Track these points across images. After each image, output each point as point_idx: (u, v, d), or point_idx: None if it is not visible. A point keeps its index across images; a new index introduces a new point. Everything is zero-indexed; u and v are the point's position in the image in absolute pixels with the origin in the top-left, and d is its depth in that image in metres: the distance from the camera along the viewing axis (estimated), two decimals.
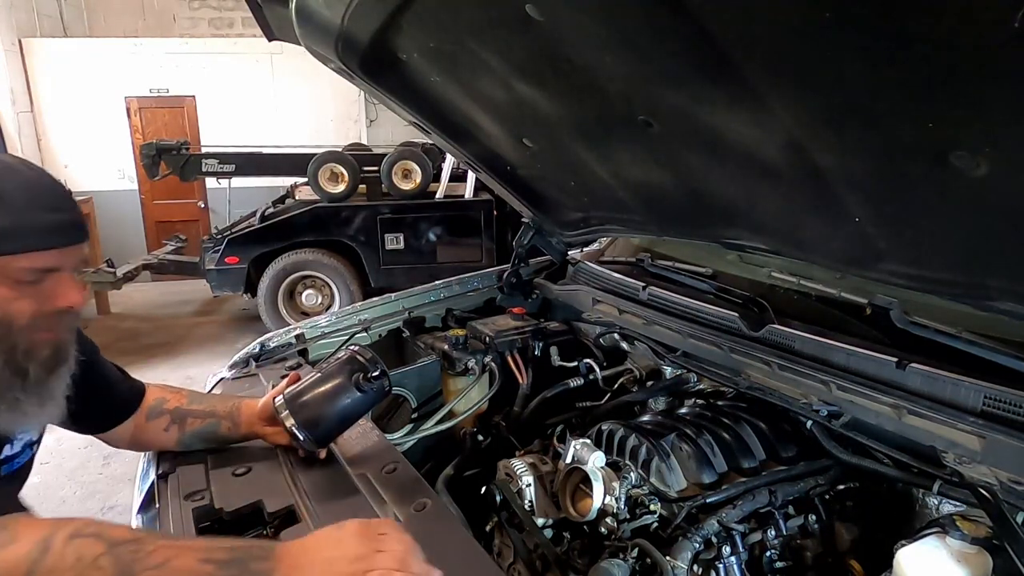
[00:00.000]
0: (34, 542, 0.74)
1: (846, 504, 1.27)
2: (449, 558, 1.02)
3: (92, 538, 0.76)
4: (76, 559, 0.74)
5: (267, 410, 1.27)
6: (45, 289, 0.91)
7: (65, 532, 0.76)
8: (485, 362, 1.84)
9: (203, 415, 1.29)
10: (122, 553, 0.75)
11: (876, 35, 0.74)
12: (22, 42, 7.52)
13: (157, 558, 0.76)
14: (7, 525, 0.76)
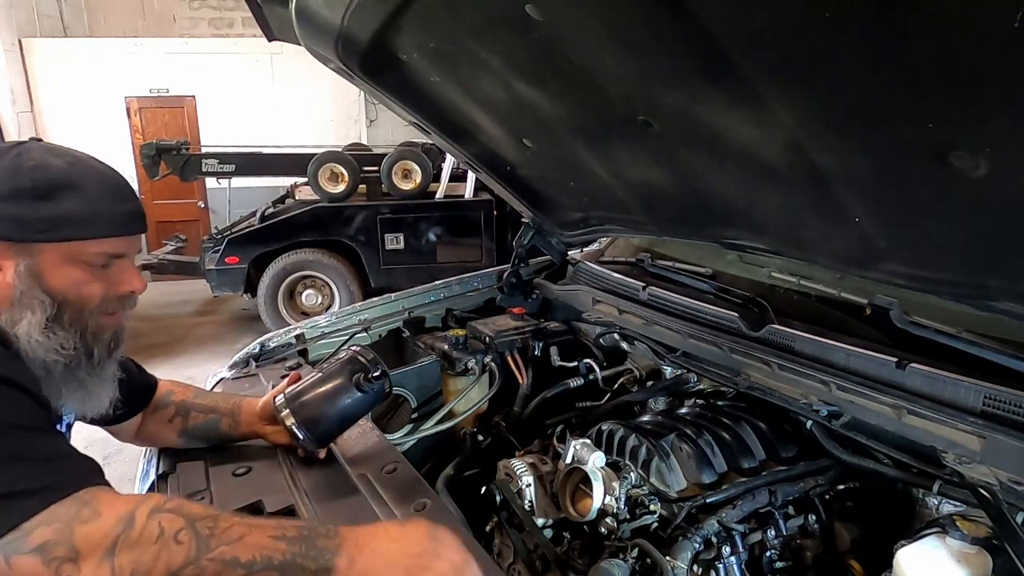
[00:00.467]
0: (117, 517, 0.77)
1: (846, 504, 1.27)
2: None
3: (172, 513, 0.80)
4: (159, 533, 0.78)
5: (267, 409, 1.28)
6: (112, 274, 0.97)
7: (147, 507, 0.79)
8: (485, 362, 1.84)
9: (205, 410, 1.31)
10: (200, 528, 0.79)
11: (876, 35, 0.74)
12: (22, 42, 7.53)
13: (233, 534, 0.80)
14: (89, 501, 0.78)
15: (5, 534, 0.73)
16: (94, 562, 0.75)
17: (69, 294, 0.94)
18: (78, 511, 0.77)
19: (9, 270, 0.91)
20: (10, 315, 0.91)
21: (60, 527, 0.75)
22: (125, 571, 0.75)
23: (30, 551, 0.73)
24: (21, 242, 0.90)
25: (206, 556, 0.78)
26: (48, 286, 0.92)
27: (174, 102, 8.05)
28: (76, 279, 0.94)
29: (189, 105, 8.08)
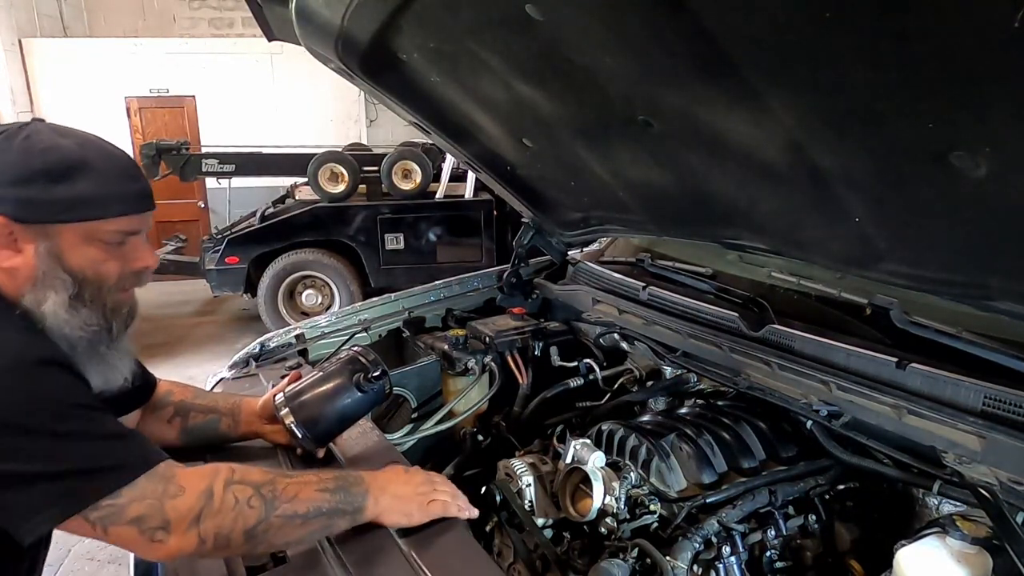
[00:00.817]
0: (199, 492, 0.90)
1: (846, 504, 1.27)
2: (449, 558, 1.02)
3: (240, 483, 0.93)
4: (234, 502, 0.92)
5: (267, 408, 1.29)
6: (127, 251, 1.00)
7: (221, 481, 0.92)
8: (485, 362, 1.84)
9: (205, 410, 1.32)
10: (265, 492, 0.94)
11: (876, 35, 0.74)
12: (22, 42, 7.52)
13: (290, 492, 0.96)
14: (171, 477, 0.90)
15: (97, 504, 0.84)
16: (183, 530, 0.88)
17: (88, 273, 0.96)
18: (165, 488, 0.88)
19: (30, 252, 0.93)
20: (34, 296, 0.94)
21: (152, 503, 0.87)
22: (209, 535, 0.89)
23: (127, 523, 0.85)
24: (39, 224, 0.92)
25: (273, 514, 0.94)
26: (68, 266, 0.95)
27: (174, 102, 8.04)
28: (94, 258, 0.96)
29: (189, 105, 8.07)
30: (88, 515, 0.84)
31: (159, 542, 0.87)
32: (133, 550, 0.90)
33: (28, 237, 0.92)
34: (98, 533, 0.86)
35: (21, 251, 0.93)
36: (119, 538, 0.87)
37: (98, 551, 3.01)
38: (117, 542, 0.87)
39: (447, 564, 1.01)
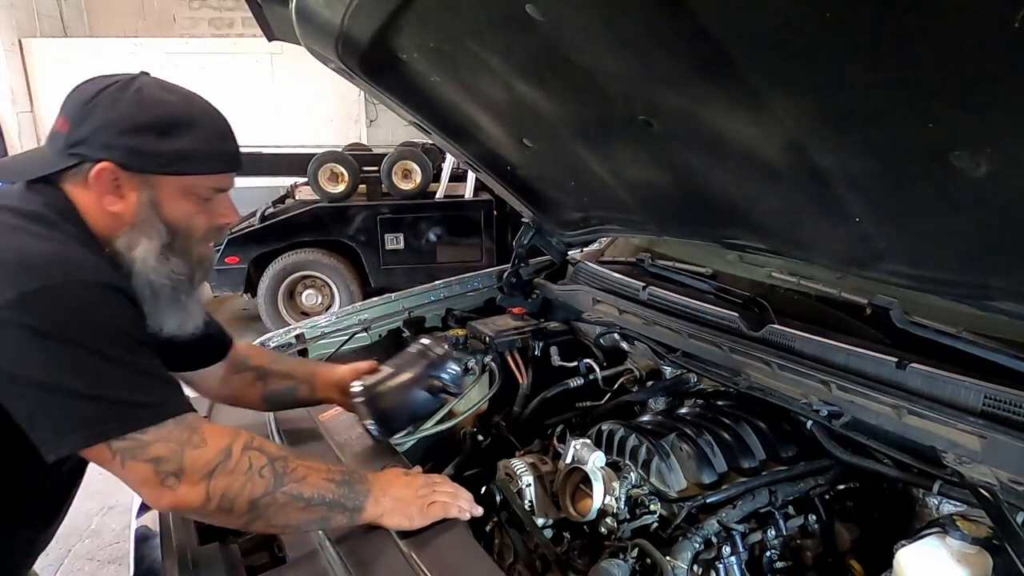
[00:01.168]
0: (219, 448, 0.92)
1: (846, 504, 1.27)
2: (449, 558, 1.02)
3: (257, 451, 0.95)
4: (248, 467, 0.93)
5: (343, 383, 1.36)
6: (214, 206, 1.05)
7: (240, 443, 0.94)
8: (485, 362, 1.84)
9: (284, 376, 1.39)
10: (277, 466, 0.95)
11: (876, 35, 0.74)
12: (22, 42, 7.52)
13: (299, 474, 0.97)
14: (197, 428, 0.92)
15: (125, 435, 0.86)
16: (195, 481, 0.89)
17: (181, 224, 1.02)
18: (189, 436, 0.90)
19: (132, 199, 0.98)
20: (128, 239, 0.99)
21: (174, 447, 0.88)
22: (217, 493, 0.90)
23: (146, 460, 0.87)
24: (143, 174, 0.97)
25: (280, 490, 0.94)
26: (164, 216, 1.00)
27: None
28: (187, 210, 1.02)
29: None
30: (112, 444, 0.86)
31: (169, 487, 0.88)
32: (140, 490, 0.90)
33: (132, 185, 0.97)
34: (115, 465, 0.87)
35: (123, 197, 0.98)
36: (133, 474, 0.87)
37: (98, 551, 3.01)
38: (129, 478, 0.88)
39: (447, 564, 1.01)
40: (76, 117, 0.96)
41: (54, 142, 0.98)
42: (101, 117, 0.95)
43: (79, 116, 0.96)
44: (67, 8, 8.32)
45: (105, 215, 0.98)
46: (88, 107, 0.95)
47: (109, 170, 0.95)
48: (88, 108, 0.95)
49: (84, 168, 0.96)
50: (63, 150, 0.96)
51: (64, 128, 0.97)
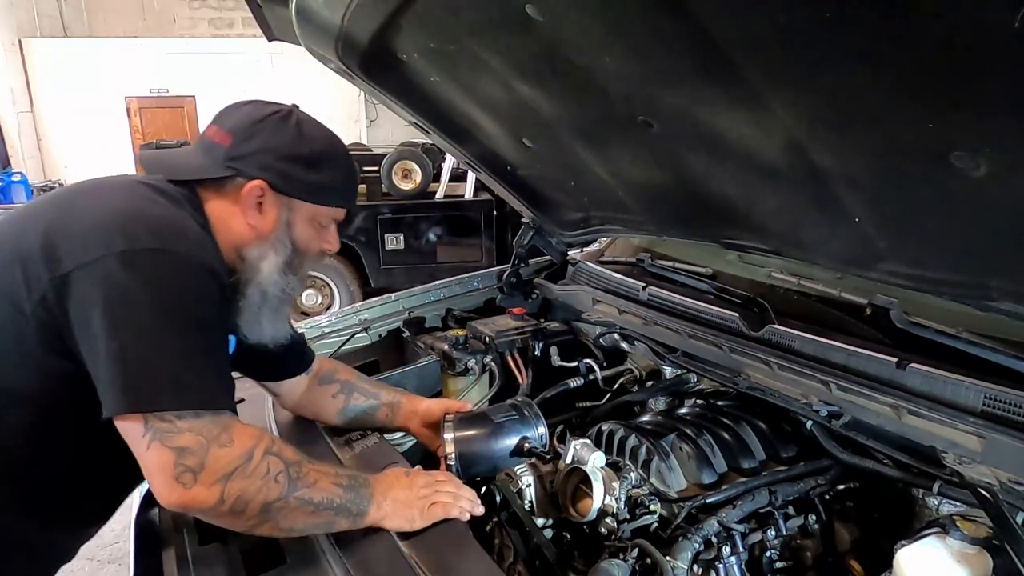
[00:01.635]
0: (243, 450, 0.93)
1: (846, 504, 1.27)
2: (449, 558, 1.02)
3: (276, 456, 0.96)
4: (265, 472, 0.94)
5: (428, 417, 1.41)
6: (325, 234, 1.17)
7: (262, 447, 0.95)
8: (485, 362, 1.84)
9: (368, 395, 1.44)
10: (292, 472, 0.97)
11: (876, 35, 0.74)
12: (22, 42, 7.53)
13: (311, 479, 0.99)
14: (228, 427, 0.93)
15: (164, 414, 0.87)
16: (211, 482, 0.89)
17: (301, 245, 1.13)
18: (219, 434, 0.91)
19: (271, 215, 1.08)
20: (260, 250, 1.09)
21: (202, 441, 0.89)
22: (232, 496, 0.91)
23: (172, 447, 0.87)
24: (286, 196, 1.08)
25: (293, 495, 0.96)
26: (293, 236, 1.11)
27: (174, 102, 8.06)
28: (310, 235, 1.14)
29: (189, 105, 8.08)
30: (150, 418, 0.87)
31: (183, 484, 0.88)
32: (154, 480, 0.89)
33: (274, 204, 1.08)
34: (142, 442, 0.87)
35: (263, 214, 1.08)
36: (155, 458, 0.87)
37: (98, 551, 3.00)
38: (150, 462, 0.88)
39: (447, 564, 1.01)
40: (240, 136, 1.06)
41: (211, 151, 1.07)
42: (264, 141, 1.05)
43: (244, 136, 1.06)
44: (67, 8, 8.32)
45: (240, 227, 1.07)
46: (253, 129, 1.06)
47: (260, 188, 1.06)
48: (253, 130, 1.06)
49: (236, 181, 1.06)
50: (221, 161, 1.06)
51: (226, 142, 1.06)
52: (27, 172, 6.62)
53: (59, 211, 0.97)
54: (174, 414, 0.88)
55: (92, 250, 0.88)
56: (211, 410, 0.91)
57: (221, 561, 1.05)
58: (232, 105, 1.11)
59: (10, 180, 5.79)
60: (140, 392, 0.87)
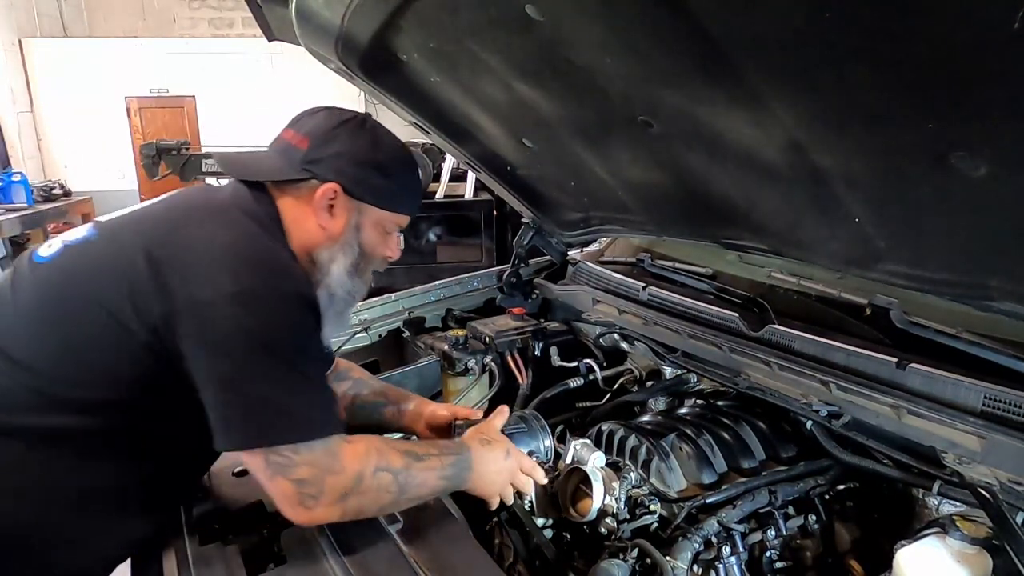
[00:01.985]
0: (354, 474, 0.97)
1: (846, 504, 1.27)
2: (449, 558, 1.02)
3: (385, 471, 1.01)
4: (377, 487, 1.00)
5: (435, 418, 1.40)
6: (389, 240, 1.21)
7: (371, 467, 0.99)
8: (485, 362, 1.84)
9: (376, 393, 1.45)
10: (401, 480, 1.02)
11: (876, 35, 0.74)
12: (22, 42, 7.52)
13: (419, 480, 1.04)
14: (337, 454, 0.97)
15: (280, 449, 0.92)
16: (330, 503, 0.96)
17: (367, 250, 1.17)
18: (331, 463, 0.96)
19: (342, 219, 1.12)
20: (330, 253, 1.13)
21: (317, 472, 0.94)
22: (350, 511, 0.99)
23: (291, 479, 0.93)
24: (357, 200, 1.12)
25: (403, 498, 1.03)
26: (361, 240, 1.15)
27: (174, 102, 8.05)
28: (376, 240, 1.18)
29: (189, 105, 8.08)
30: (268, 454, 0.92)
31: (307, 508, 0.95)
32: (280, 503, 0.96)
33: (345, 207, 1.12)
34: (264, 475, 0.94)
35: (334, 216, 1.11)
36: (278, 489, 0.94)
37: None
38: (273, 490, 0.95)
39: (447, 564, 1.01)
40: (317, 140, 1.10)
41: (288, 154, 1.11)
42: (340, 146, 1.10)
43: (321, 140, 1.10)
44: (67, 8, 8.31)
45: (312, 227, 1.11)
46: (331, 134, 1.10)
47: (334, 190, 1.09)
48: (330, 135, 1.10)
49: (311, 184, 1.09)
50: (298, 164, 1.09)
51: (303, 145, 1.10)
52: (27, 172, 6.62)
53: (162, 235, 1.00)
54: (289, 448, 0.93)
55: (205, 289, 0.92)
56: (321, 437, 0.96)
57: (221, 561, 1.04)
58: (307, 111, 1.15)
59: (10, 180, 5.79)
60: (257, 430, 0.93)
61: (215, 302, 0.92)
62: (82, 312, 0.97)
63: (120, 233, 1.04)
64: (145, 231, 1.02)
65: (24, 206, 5.69)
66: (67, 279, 1.01)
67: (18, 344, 0.98)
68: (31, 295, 1.01)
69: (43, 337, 0.98)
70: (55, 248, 1.05)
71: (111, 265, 0.98)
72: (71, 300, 0.98)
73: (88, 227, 1.08)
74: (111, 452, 1.01)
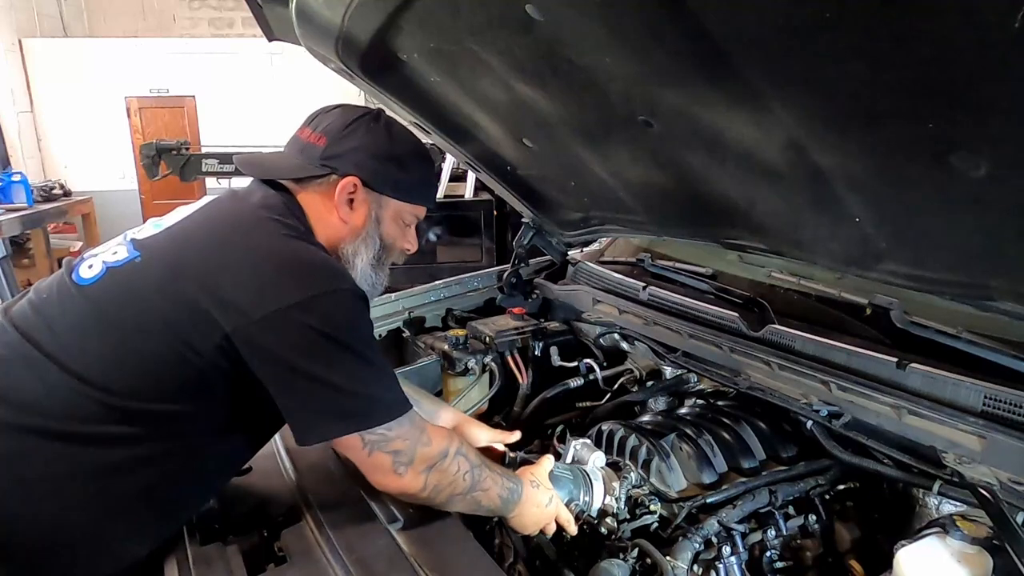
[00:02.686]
0: (440, 449, 1.05)
1: (846, 504, 1.27)
2: (449, 558, 1.02)
3: (464, 457, 1.08)
4: (456, 470, 1.06)
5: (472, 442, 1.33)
6: (407, 233, 1.25)
7: (455, 447, 1.07)
8: (485, 362, 1.84)
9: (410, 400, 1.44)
10: (475, 473, 1.08)
11: (876, 35, 0.74)
12: (22, 42, 7.51)
13: (486, 484, 1.10)
14: (424, 428, 1.05)
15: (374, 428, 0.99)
16: (419, 471, 1.03)
17: (388, 242, 1.21)
18: (420, 435, 1.04)
19: (362, 212, 1.16)
20: (353, 247, 1.17)
21: (410, 443, 1.02)
22: (430, 484, 1.05)
23: (388, 452, 1.01)
24: (377, 193, 1.16)
25: (471, 494, 1.08)
26: (382, 232, 1.19)
27: (174, 102, 8.03)
28: (395, 232, 1.22)
29: (189, 105, 8.06)
30: (364, 435, 0.99)
31: (399, 474, 1.02)
32: (372, 473, 1.03)
33: (365, 200, 1.16)
34: (363, 453, 1.01)
35: (354, 210, 1.16)
36: (377, 461, 1.01)
37: None
38: (371, 464, 1.02)
39: (447, 564, 1.01)
40: (335, 136, 1.14)
41: (306, 152, 1.15)
42: (357, 140, 1.14)
43: (338, 135, 1.14)
44: (67, 8, 8.30)
45: (334, 222, 1.15)
46: (348, 130, 1.14)
47: (354, 183, 1.13)
48: (348, 131, 1.14)
49: (331, 179, 1.13)
50: (317, 160, 1.13)
51: (321, 143, 1.14)
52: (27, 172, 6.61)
53: (209, 258, 1.03)
54: (384, 427, 1.00)
55: (268, 303, 0.96)
56: (406, 413, 1.02)
57: (221, 561, 1.05)
58: (321, 110, 1.19)
59: (10, 180, 5.78)
60: (354, 417, 0.99)
61: (284, 313, 0.96)
62: (144, 334, 0.99)
63: (166, 256, 1.05)
64: (191, 257, 1.03)
65: (24, 206, 5.68)
66: (121, 305, 1.01)
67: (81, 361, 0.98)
68: (84, 316, 1.02)
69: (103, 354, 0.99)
70: (97, 269, 1.05)
71: (166, 292, 1.00)
72: (130, 322, 1.00)
73: (127, 246, 1.08)
74: (162, 460, 1.02)
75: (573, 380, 1.73)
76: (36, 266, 5.82)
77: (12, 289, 4.63)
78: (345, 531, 1.07)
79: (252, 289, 0.98)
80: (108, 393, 0.96)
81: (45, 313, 1.03)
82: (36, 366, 0.98)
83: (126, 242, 1.09)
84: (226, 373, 0.98)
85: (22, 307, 1.06)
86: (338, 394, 0.98)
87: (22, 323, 1.02)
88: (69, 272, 1.07)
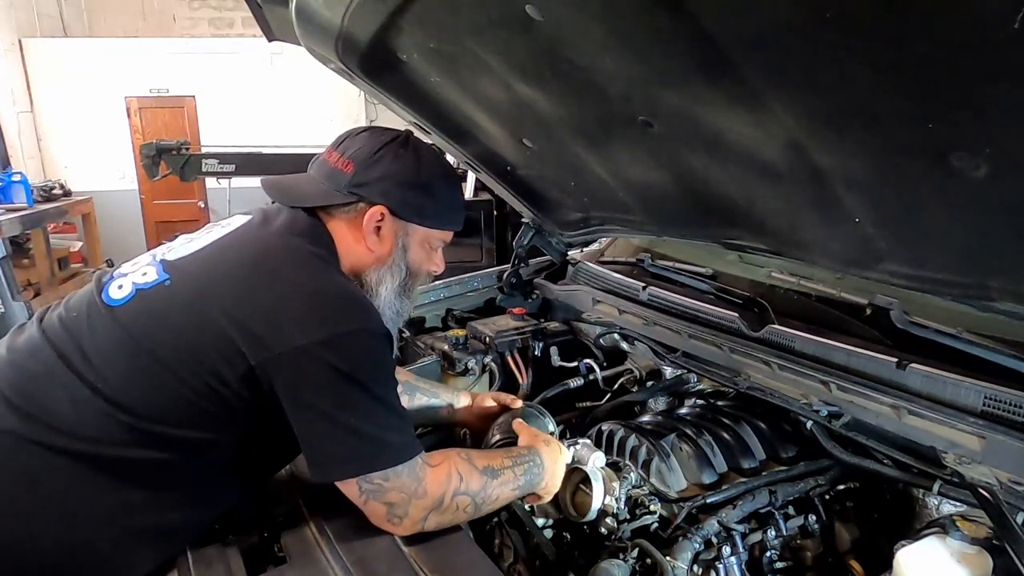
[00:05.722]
0: (435, 498, 1.04)
1: (846, 504, 1.27)
2: (449, 558, 1.02)
3: (464, 494, 1.07)
4: (455, 508, 1.06)
5: (485, 411, 1.49)
6: (433, 256, 1.25)
7: (451, 490, 1.06)
8: (485, 362, 1.84)
9: (429, 394, 1.51)
10: (478, 500, 1.09)
11: (876, 35, 0.74)
12: (22, 42, 7.51)
13: (494, 496, 1.11)
14: (422, 479, 1.04)
15: (371, 477, 0.99)
16: (413, 522, 1.04)
17: (414, 268, 1.21)
18: (415, 488, 1.02)
19: (389, 240, 1.16)
20: (378, 275, 1.17)
21: (404, 496, 1.02)
22: (431, 526, 1.05)
23: (382, 502, 1.01)
24: (403, 220, 1.16)
25: (479, 513, 1.10)
26: (407, 259, 1.19)
27: (174, 102, 8.03)
28: (421, 257, 1.22)
29: (189, 105, 8.06)
30: (362, 484, 1.00)
31: (394, 524, 1.03)
32: (371, 519, 1.04)
33: (391, 229, 1.16)
34: (359, 498, 1.01)
35: (382, 239, 1.16)
36: (371, 510, 1.03)
37: None
38: (367, 511, 1.03)
39: (447, 564, 1.01)
40: (363, 164, 1.13)
41: (334, 178, 1.14)
42: (385, 169, 1.13)
43: (366, 162, 1.13)
44: (67, 8, 8.30)
45: (360, 250, 1.15)
46: (376, 156, 1.13)
47: (381, 213, 1.13)
48: (376, 157, 1.13)
49: (358, 207, 1.14)
50: (345, 188, 1.13)
51: (348, 169, 1.13)
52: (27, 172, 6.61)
53: (239, 287, 1.03)
54: (380, 476, 1.00)
55: (295, 337, 0.97)
56: (407, 461, 1.02)
57: (221, 561, 1.05)
58: (350, 132, 1.19)
59: (10, 180, 5.78)
60: (353, 464, 0.99)
61: (309, 349, 0.97)
62: (173, 360, 0.99)
63: (195, 282, 1.05)
64: (219, 283, 1.04)
65: (24, 206, 5.68)
66: (150, 330, 1.02)
67: (110, 384, 0.99)
68: (114, 339, 1.02)
69: (132, 378, 1.00)
70: (127, 291, 1.05)
71: (193, 319, 1.01)
72: (159, 349, 1.00)
73: (157, 267, 1.08)
74: (181, 484, 1.04)
75: (573, 380, 1.73)
76: (36, 266, 5.81)
77: (12, 289, 4.63)
78: (345, 531, 1.07)
79: (277, 323, 0.98)
80: (136, 417, 0.97)
81: (75, 332, 1.03)
82: (67, 385, 0.98)
83: (156, 263, 1.09)
84: (250, 403, 1.00)
85: (53, 323, 1.06)
86: (350, 435, 0.98)
87: (55, 339, 1.03)
88: (99, 291, 1.07)
